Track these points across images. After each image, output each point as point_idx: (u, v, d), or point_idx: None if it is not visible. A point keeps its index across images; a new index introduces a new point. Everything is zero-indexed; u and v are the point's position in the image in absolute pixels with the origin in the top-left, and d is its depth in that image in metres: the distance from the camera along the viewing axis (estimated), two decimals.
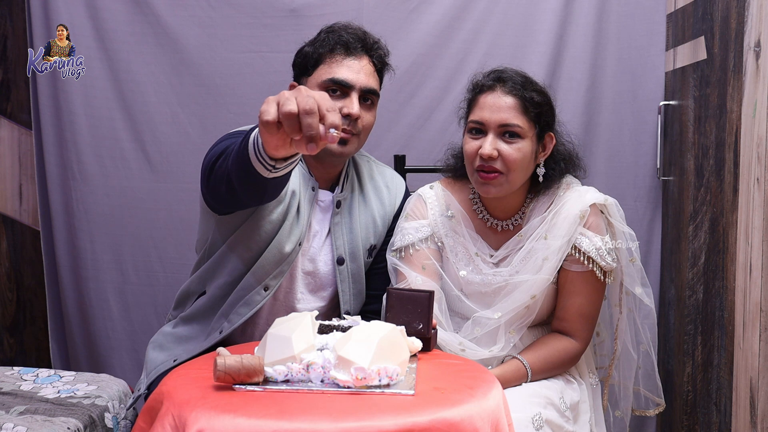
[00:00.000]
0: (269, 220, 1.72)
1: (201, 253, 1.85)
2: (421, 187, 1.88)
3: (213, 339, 1.75)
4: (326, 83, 1.75)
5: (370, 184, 1.92)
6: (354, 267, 1.85)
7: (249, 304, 1.74)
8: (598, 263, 1.72)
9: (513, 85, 1.70)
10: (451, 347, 1.72)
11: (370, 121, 1.82)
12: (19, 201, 2.63)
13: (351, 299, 1.86)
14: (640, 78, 2.42)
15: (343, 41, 1.77)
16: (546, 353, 1.73)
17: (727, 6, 1.88)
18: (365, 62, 1.79)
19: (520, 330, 1.76)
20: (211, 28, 2.45)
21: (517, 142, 1.68)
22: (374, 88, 1.80)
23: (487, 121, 1.69)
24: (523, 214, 1.79)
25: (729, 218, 1.86)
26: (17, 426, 1.62)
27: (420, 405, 1.21)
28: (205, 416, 1.16)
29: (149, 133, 2.49)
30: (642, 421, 2.41)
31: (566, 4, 2.40)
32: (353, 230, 1.84)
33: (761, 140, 1.69)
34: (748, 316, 1.75)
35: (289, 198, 1.73)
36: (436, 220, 1.81)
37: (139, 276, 2.53)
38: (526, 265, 1.74)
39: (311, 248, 1.82)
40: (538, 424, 1.58)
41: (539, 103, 1.71)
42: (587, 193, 1.76)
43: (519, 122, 1.68)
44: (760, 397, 1.69)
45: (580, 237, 1.72)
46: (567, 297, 1.75)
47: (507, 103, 1.69)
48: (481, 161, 1.69)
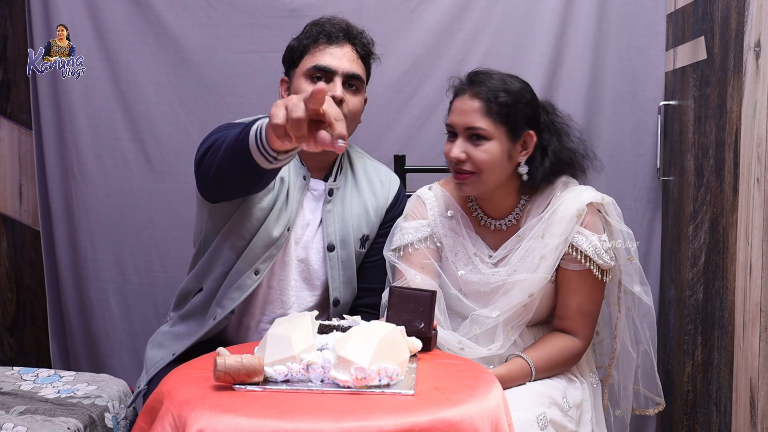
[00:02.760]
0: (259, 207, 1.77)
1: (197, 246, 1.90)
2: (420, 189, 1.90)
3: (208, 326, 1.79)
4: (310, 71, 1.82)
5: (364, 177, 1.95)
6: (344, 254, 1.87)
7: (241, 288, 1.78)
8: (596, 261, 1.73)
9: (480, 88, 1.71)
10: (450, 346, 1.73)
11: (356, 105, 1.86)
12: (19, 201, 2.63)
13: (341, 287, 1.87)
14: (640, 78, 2.42)
15: (326, 32, 1.84)
16: (549, 351, 1.73)
17: (727, 6, 1.88)
18: (348, 49, 1.85)
19: (518, 328, 1.77)
20: (211, 28, 2.45)
21: (483, 144, 1.71)
22: (357, 72, 1.85)
23: (455, 124, 1.74)
24: (518, 214, 1.81)
25: (729, 218, 1.86)
26: (17, 426, 1.62)
27: (420, 405, 1.21)
28: (205, 416, 1.16)
29: (149, 133, 2.49)
30: (642, 421, 2.41)
31: (566, 4, 2.40)
32: (345, 218, 1.87)
33: (761, 140, 1.69)
34: (748, 316, 1.75)
35: (278, 186, 1.79)
36: (436, 221, 1.83)
37: (139, 276, 2.53)
38: (523, 264, 1.75)
39: (304, 236, 1.85)
40: (542, 424, 1.58)
41: (505, 103, 1.70)
42: (584, 192, 1.77)
43: (482, 125, 1.70)
44: (760, 397, 1.69)
45: (577, 236, 1.73)
46: (567, 296, 1.76)
47: (471, 106, 1.71)
48: (453, 164, 1.74)
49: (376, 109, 2.45)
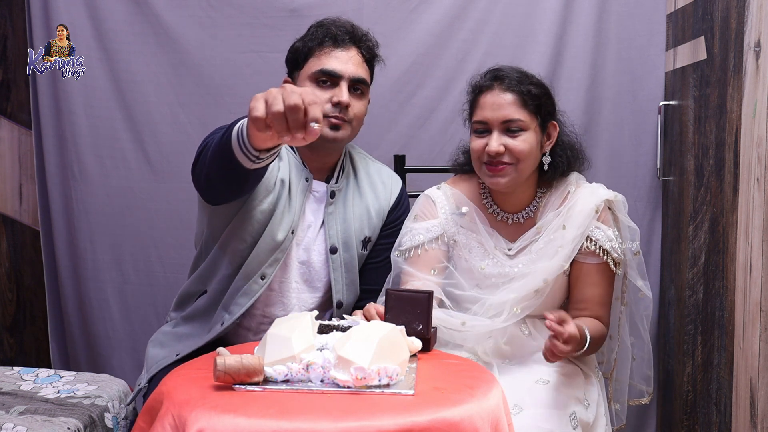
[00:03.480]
0: (260, 210, 1.77)
1: (198, 248, 1.89)
2: (428, 189, 1.92)
3: (215, 331, 1.79)
4: (316, 74, 1.81)
5: (366, 179, 1.95)
6: (347, 256, 1.87)
7: (248, 293, 1.78)
8: (612, 255, 1.79)
9: (510, 82, 1.76)
10: (450, 326, 1.75)
11: (361, 109, 1.86)
12: (19, 201, 2.63)
13: (343, 289, 1.88)
14: (640, 78, 2.42)
15: (332, 34, 1.83)
16: (591, 325, 1.74)
17: (727, 6, 1.88)
18: (353, 53, 1.84)
19: (526, 309, 1.79)
20: (211, 28, 2.45)
21: (521, 135, 1.75)
22: (363, 77, 1.85)
23: (489, 119, 1.76)
24: (535, 207, 1.84)
25: (729, 218, 1.86)
26: (17, 426, 1.62)
27: (420, 405, 1.21)
28: (205, 416, 1.16)
29: (149, 133, 2.49)
30: (642, 420, 2.42)
31: (566, 4, 2.40)
32: (347, 220, 1.87)
33: (761, 140, 1.69)
34: (748, 316, 1.75)
35: (278, 188, 1.78)
36: (447, 219, 1.85)
37: (139, 276, 2.53)
38: (542, 254, 1.79)
39: (306, 238, 1.85)
40: (574, 423, 1.61)
41: (537, 95, 1.77)
42: (599, 189, 1.83)
43: (520, 116, 1.75)
44: (760, 397, 1.69)
45: (595, 230, 1.78)
46: (586, 288, 1.80)
47: (506, 99, 1.75)
48: (489, 158, 1.75)
49: (376, 109, 2.45)
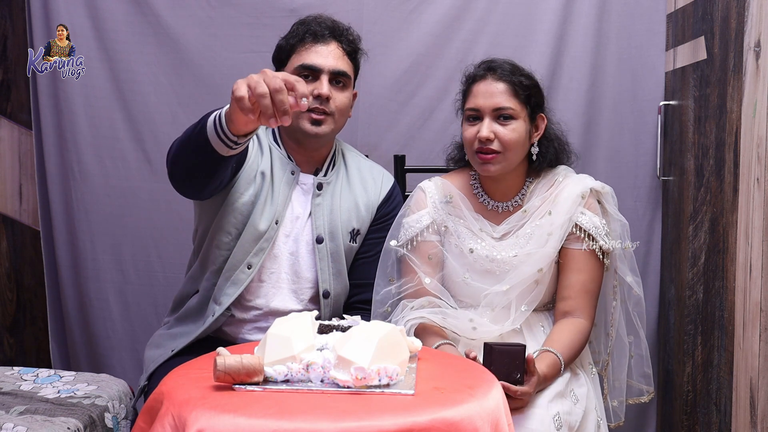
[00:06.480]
0: (242, 202, 1.83)
1: (194, 247, 1.95)
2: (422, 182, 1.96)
3: (207, 323, 1.83)
4: (297, 70, 1.86)
5: (357, 174, 1.99)
6: (333, 246, 1.91)
7: (235, 283, 1.83)
8: (598, 241, 1.82)
9: (502, 72, 1.83)
10: (461, 325, 1.79)
11: (344, 101, 1.90)
12: (19, 201, 2.63)
13: (330, 278, 1.90)
14: (640, 78, 2.42)
15: (312, 30, 1.88)
16: (569, 338, 1.77)
17: (727, 6, 1.88)
18: (333, 47, 1.89)
19: (531, 304, 1.82)
20: (211, 28, 2.45)
21: (511, 123, 1.80)
22: (343, 70, 1.89)
23: (481, 106, 1.81)
24: (524, 195, 1.89)
25: (729, 218, 1.86)
26: (17, 426, 1.62)
27: (420, 405, 1.21)
28: (205, 416, 1.16)
29: (149, 133, 2.49)
30: (642, 420, 2.42)
31: (566, 4, 2.40)
32: (333, 211, 1.91)
33: (761, 140, 1.69)
34: (748, 316, 1.75)
35: (258, 180, 1.84)
36: (436, 207, 1.90)
37: (139, 276, 2.53)
38: (531, 241, 1.82)
39: (294, 230, 1.89)
40: (558, 424, 1.62)
41: (528, 86, 1.83)
42: (586, 178, 1.88)
43: (511, 105, 1.80)
44: (760, 397, 1.69)
45: (580, 216, 1.82)
46: (570, 274, 1.83)
47: (498, 88, 1.81)
48: (480, 144, 1.80)
49: (376, 109, 2.45)
